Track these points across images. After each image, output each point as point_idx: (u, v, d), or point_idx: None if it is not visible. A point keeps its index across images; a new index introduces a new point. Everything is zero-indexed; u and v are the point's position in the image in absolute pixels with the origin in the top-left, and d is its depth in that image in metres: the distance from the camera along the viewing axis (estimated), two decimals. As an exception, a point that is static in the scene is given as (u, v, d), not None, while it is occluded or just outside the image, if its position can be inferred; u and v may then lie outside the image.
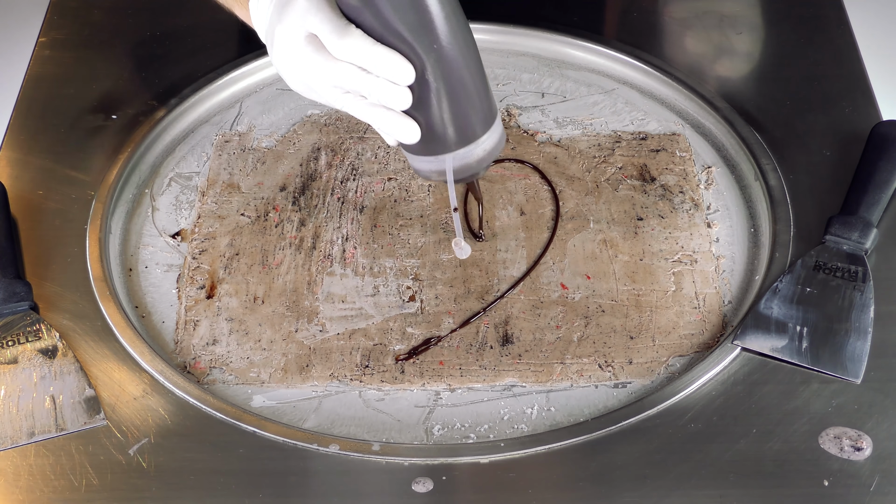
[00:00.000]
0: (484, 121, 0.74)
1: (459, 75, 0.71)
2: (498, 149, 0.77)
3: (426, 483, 0.74)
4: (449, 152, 0.75)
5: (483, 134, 0.75)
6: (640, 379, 0.82)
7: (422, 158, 0.76)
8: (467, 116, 0.73)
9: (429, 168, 0.76)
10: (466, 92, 0.72)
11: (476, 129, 0.74)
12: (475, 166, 0.76)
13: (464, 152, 0.75)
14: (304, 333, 0.86)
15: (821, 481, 0.73)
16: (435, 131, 0.73)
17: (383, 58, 0.68)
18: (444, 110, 0.72)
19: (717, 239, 0.91)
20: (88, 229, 0.91)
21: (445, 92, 0.71)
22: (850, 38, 1.07)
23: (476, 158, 0.76)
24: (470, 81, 0.72)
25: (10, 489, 0.75)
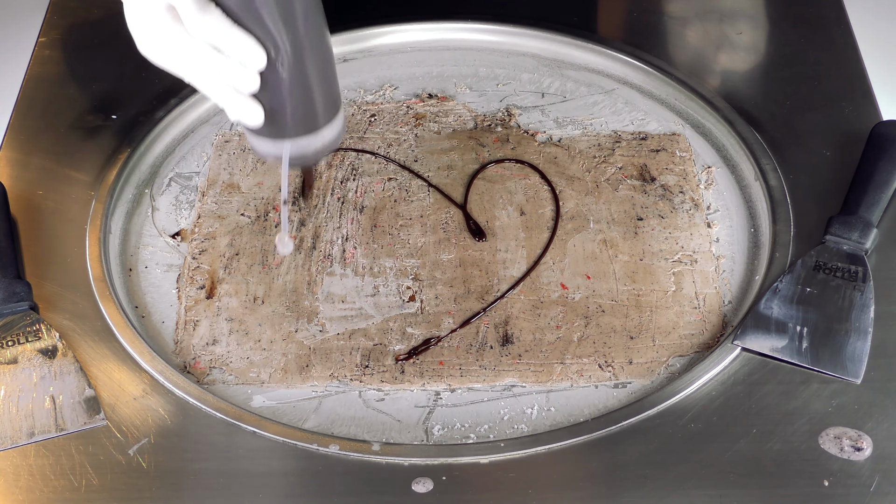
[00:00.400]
0: (327, 113, 0.75)
1: (309, 66, 0.71)
2: (337, 142, 0.77)
3: (426, 483, 0.74)
4: (288, 139, 0.75)
5: (325, 125, 0.75)
6: (640, 379, 0.82)
7: (261, 140, 0.76)
8: (312, 107, 0.74)
9: (266, 150, 0.76)
10: (314, 83, 0.73)
11: (318, 119, 0.75)
12: (312, 156, 0.77)
13: (304, 141, 0.75)
14: (304, 333, 0.86)
15: (821, 481, 0.73)
16: (278, 117, 0.73)
17: (238, 40, 0.68)
18: (291, 99, 0.72)
19: (717, 239, 0.91)
20: (88, 229, 0.91)
21: (294, 81, 0.71)
22: (850, 38, 1.07)
23: (313, 149, 0.76)
24: (319, 73, 0.72)
25: (10, 489, 0.75)
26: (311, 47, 0.71)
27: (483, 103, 1.04)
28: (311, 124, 0.75)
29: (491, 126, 1.02)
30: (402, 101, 1.05)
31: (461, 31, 1.10)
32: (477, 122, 1.02)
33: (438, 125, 1.02)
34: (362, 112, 1.04)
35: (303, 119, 0.74)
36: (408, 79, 1.07)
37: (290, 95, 0.72)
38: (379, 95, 1.05)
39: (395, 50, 1.10)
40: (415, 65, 1.09)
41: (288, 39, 0.69)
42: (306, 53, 0.71)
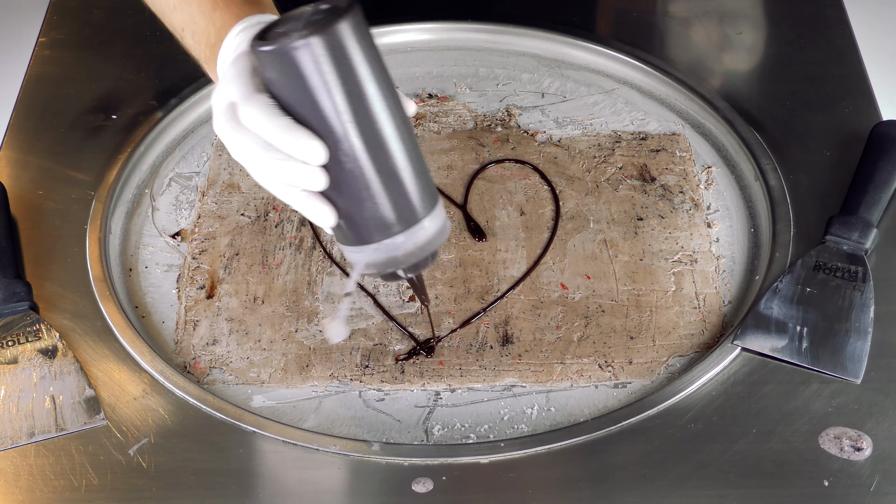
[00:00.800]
0: (413, 209, 0.66)
1: (380, 164, 0.63)
2: (434, 242, 0.68)
3: (426, 483, 0.74)
4: (369, 243, 0.66)
5: (413, 223, 0.66)
6: (640, 379, 0.82)
7: (347, 248, 0.68)
8: (387, 207, 0.65)
9: (352, 258, 0.68)
10: (389, 181, 0.64)
11: (406, 216, 0.66)
12: (403, 259, 0.67)
13: (389, 244, 0.66)
14: (304, 333, 0.86)
15: (821, 481, 0.73)
16: (351, 219, 0.65)
17: (288, 133, 0.61)
18: (359, 199, 0.64)
19: (717, 239, 0.91)
20: (88, 229, 0.91)
21: (361, 179, 0.63)
22: (850, 38, 1.07)
23: (403, 251, 0.67)
24: (393, 171, 0.64)
25: (10, 489, 0.75)
26: (383, 137, 0.63)
27: (483, 103, 1.04)
28: (398, 223, 0.66)
29: (491, 126, 1.02)
30: (402, 101, 1.05)
31: (461, 31, 1.10)
32: (477, 122, 1.02)
33: (438, 125, 1.02)
34: (362, 112, 1.04)
35: (382, 217, 0.65)
36: (408, 79, 1.07)
37: (359, 194, 0.64)
38: (379, 95, 1.05)
39: (395, 50, 1.10)
40: (415, 65, 1.09)
41: (355, 129, 0.61)
42: (370, 149, 0.62)
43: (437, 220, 0.68)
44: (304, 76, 0.60)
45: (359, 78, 0.61)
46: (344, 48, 0.60)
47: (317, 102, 0.61)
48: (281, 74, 0.61)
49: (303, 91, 0.61)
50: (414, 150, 0.65)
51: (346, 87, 0.61)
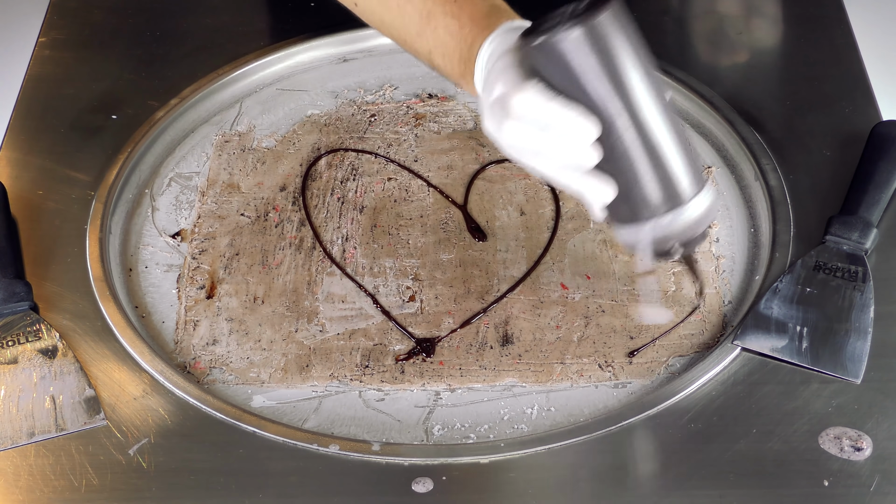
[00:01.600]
0: (683, 185, 0.69)
1: (651, 135, 0.67)
2: (699, 224, 0.71)
3: (426, 483, 0.74)
4: (645, 220, 0.70)
5: (687, 200, 0.69)
6: (640, 379, 0.82)
7: (619, 227, 0.72)
8: (661, 180, 0.68)
9: (626, 238, 0.71)
10: (663, 151, 0.68)
11: (678, 193, 0.69)
12: (677, 236, 0.70)
13: (665, 220, 0.69)
14: (304, 333, 0.86)
15: (821, 481, 0.73)
16: (623, 199, 0.69)
17: (557, 113, 0.65)
18: (630, 178, 0.68)
19: (717, 239, 0.91)
20: (88, 229, 0.91)
21: (635, 152, 0.67)
22: (850, 38, 1.07)
23: (678, 227, 0.70)
24: (665, 140, 0.67)
25: (10, 489, 0.75)
26: (650, 112, 0.67)
27: (483, 103, 1.04)
28: (669, 200, 0.69)
29: (491, 126, 1.02)
30: (402, 101, 1.05)
31: (461, 31, 1.10)
32: (477, 122, 1.02)
33: (438, 125, 1.02)
34: (362, 112, 1.04)
35: (651, 198, 0.68)
36: (408, 79, 1.07)
37: (634, 168, 0.67)
38: (379, 95, 1.05)
39: (395, 50, 1.09)
40: (415, 65, 1.09)
41: (620, 106, 0.66)
42: (642, 121, 0.66)
43: (707, 199, 0.70)
44: (574, 63, 0.65)
45: (625, 62, 0.66)
46: (608, 36, 0.65)
47: (587, 87, 0.65)
48: (552, 64, 0.65)
49: (574, 78, 0.65)
50: (678, 131, 0.69)
51: (614, 71, 0.65)
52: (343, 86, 1.07)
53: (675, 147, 0.68)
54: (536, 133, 0.67)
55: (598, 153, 0.67)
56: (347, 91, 1.06)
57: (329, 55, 1.09)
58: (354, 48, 1.10)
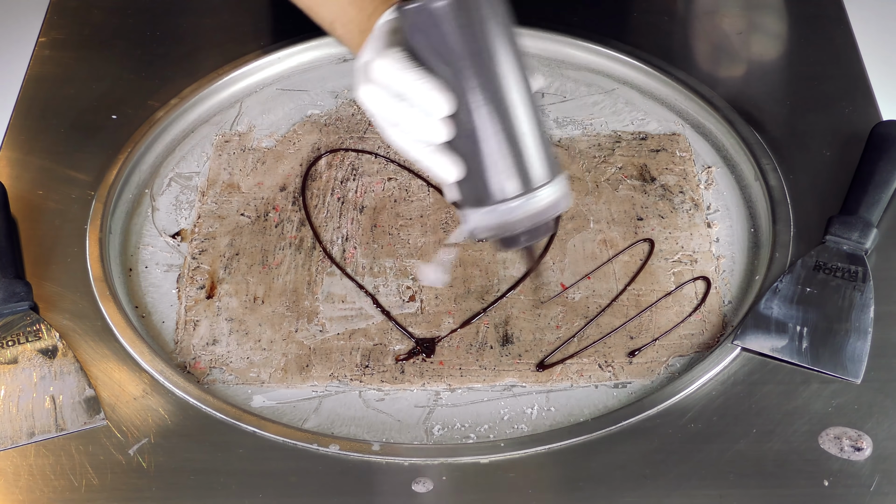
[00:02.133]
0: (522, 181, 0.68)
1: (503, 118, 0.66)
2: (544, 214, 0.69)
3: (426, 483, 0.74)
4: (484, 205, 0.69)
5: (517, 195, 0.68)
6: (640, 379, 0.82)
7: (464, 209, 0.71)
8: (506, 165, 0.67)
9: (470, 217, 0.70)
10: (509, 144, 0.67)
11: (510, 187, 0.68)
12: (523, 223, 0.69)
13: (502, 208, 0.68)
14: (304, 333, 0.86)
15: (821, 481, 0.73)
16: (471, 178, 0.68)
17: (413, 83, 0.66)
18: (479, 159, 0.67)
19: (717, 239, 0.91)
20: (88, 229, 0.91)
21: (481, 138, 0.66)
22: (850, 38, 1.07)
23: (520, 216, 0.69)
24: (513, 133, 0.67)
25: (10, 489, 0.75)
26: (505, 94, 0.66)
27: (483, 103, 1.04)
28: (516, 185, 0.68)
29: (491, 126, 1.02)
30: (402, 101, 1.05)
31: (461, 31, 1.10)
32: (477, 122, 1.02)
33: (438, 125, 1.02)
34: (362, 112, 1.04)
35: (498, 181, 0.68)
36: (408, 79, 1.07)
37: (480, 149, 0.67)
38: (379, 95, 1.05)
39: (395, 50, 1.10)
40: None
41: (475, 83, 0.65)
42: (498, 101, 0.66)
43: (555, 190, 0.69)
44: (434, 33, 0.65)
45: (486, 40, 0.66)
46: (472, 11, 0.65)
47: (444, 59, 0.65)
48: (416, 33, 0.66)
49: (434, 49, 0.66)
50: (536, 118, 0.68)
51: (473, 47, 0.65)
52: (343, 86, 1.07)
53: (528, 133, 0.67)
54: (391, 102, 0.67)
55: (449, 130, 0.67)
56: (347, 91, 1.06)
57: (329, 55, 1.09)
58: (354, 48, 1.10)
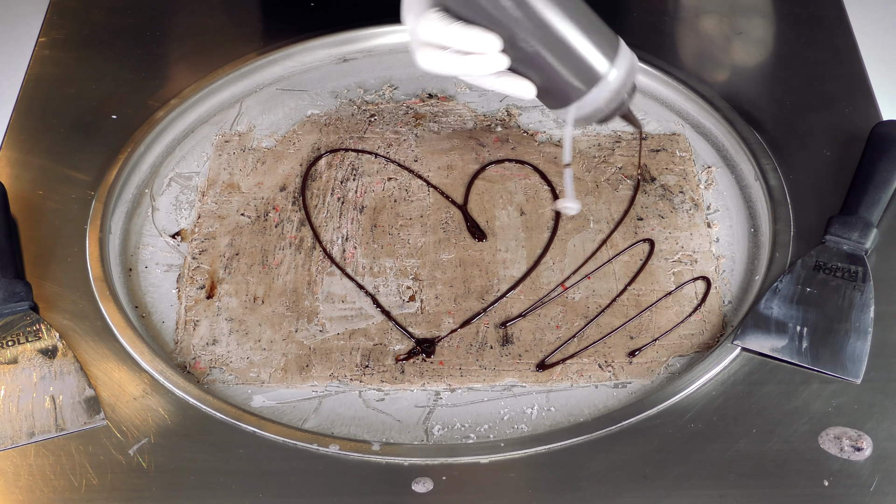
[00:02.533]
0: (592, 66, 0.76)
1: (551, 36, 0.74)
2: (627, 83, 0.78)
3: (426, 483, 0.74)
4: (569, 104, 0.77)
5: (603, 75, 0.76)
6: (640, 379, 0.82)
7: (558, 111, 0.79)
8: (573, 66, 0.75)
9: (563, 115, 0.78)
10: (564, 47, 0.75)
11: (590, 73, 0.76)
12: (605, 107, 0.78)
13: (589, 98, 0.77)
14: (304, 333, 0.86)
15: (821, 481, 0.73)
16: (548, 86, 0.77)
17: (458, 35, 0.74)
18: (545, 68, 0.75)
19: (717, 239, 0.91)
20: (88, 229, 0.91)
21: (539, 52, 0.74)
22: (850, 38, 1.07)
23: (602, 101, 0.77)
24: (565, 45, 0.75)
25: (10, 489, 0.75)
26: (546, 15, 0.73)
27: (483, 103, 1.04)
28: (584, 81, 0.76)
29: (491, 126, 1.02)
30: (402, 101, 1.05)
31: (461, 31, 1.10)
32: (477, 122, 1.02)
33: (438, 125, 1.02)
34: (362, 112, 1.04)
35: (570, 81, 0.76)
36: (408, 79, 1.07)
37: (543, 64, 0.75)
38: (379, 95, 1.05)
39: (395, 50, 1.10)
40: (415, 65, 1.09)
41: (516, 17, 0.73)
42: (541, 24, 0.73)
43: (623, 64, 0.78)
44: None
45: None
46: None
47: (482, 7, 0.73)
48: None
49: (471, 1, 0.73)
50: (580, 14, 0.76)
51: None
52: (343, 86, 1.07)
53: (579, 35, 0.75)
54: (446, 55, 0.76)
55: (507, 59, 0.75)
56: (347, 91, 1.06)
57: (329, 55, 1.09)
58: (354, 48, 1.10)
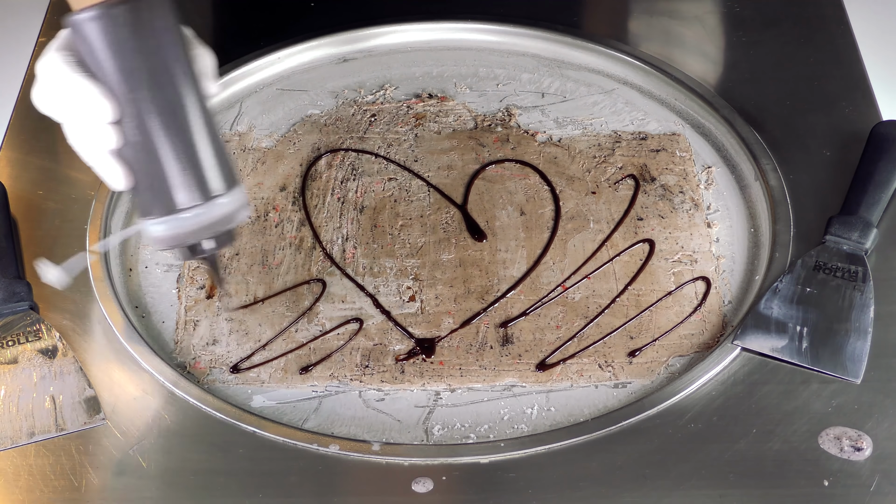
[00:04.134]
0: (192, 190, 0.68)
1: (160, 140, 0.67)
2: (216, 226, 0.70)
3: (426, 483, 0.74)
4: (150, 216, 0.70)
5: (189, 204, 0.68)
6: (640, 379, 0.82)
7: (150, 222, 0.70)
8: (168, 181, 0.68)
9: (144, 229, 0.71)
10: (175, 151, 0.68)
11: (176, 198, 0.68)
12: (186, 237, 0.70)
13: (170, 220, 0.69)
14: (304, 333, 0.86)
15: (821, 481, 0.73)
16: (140, 190, 0.69)
17: (72, 86, 0.67)
18: (144, 170, 0.68)
19: (717, 239, 0.91)
20: (88, 229, 0.91)
21: (143, 151, 0.68)
22: (850, 38, 1.07)
23: (183, 231, 0.69)
24: (175, 147, 0.67)
25: (10, 489, 0.75)
26: (165, 112, 0.67)
27: (483, 103, 1.04)
28: (181, 197, 0.68)
29: (491, 126, 1.02)
30: (402, 101, 1.05)
31: (461, 31, 1.10)
32: (477, 122, 1.02)
33: (438, 125, 1.02)
34: (362, 112, 1.04)
35: (166, 192, 0.68)
36: (408, 79, 1.07)
37: (144, 163, 0.68)
38: (379, 95, 1.05)
39: (395, 50, 1.10)
40: (415, 65, 1.09)
41: (131, 97, 0.66)
42: (156, 117, 0.67)
43: (231, 200, 0.70)
44: (92, 44, 0.66)
45: (142, 56, 0.67)
46: (128, 26, 0.66)
47: (103, 69, 0.66)
48: (80, 41, 0.67)
49: (92, 57, 0.67)
50: (207, 129, 0.69)
51: (129, 62, 0.66)
52: (343, 86, 1.07)
53: (198, 144, 0.68)
54: (58, 102, 0.68)
55: (117, 137, 0.67)
56: (347, 91, 1.06)
57: (329, 55, 1.09)
58: (354, 48, 1.10)
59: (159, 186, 0.68)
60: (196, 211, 0.69)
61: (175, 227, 0.69)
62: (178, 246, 0.71)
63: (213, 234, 0.71)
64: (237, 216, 0.71)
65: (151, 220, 0.70)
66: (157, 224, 0.69)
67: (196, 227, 0.69)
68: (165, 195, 0.68)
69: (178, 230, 0.69)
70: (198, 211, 0.69)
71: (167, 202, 0.68)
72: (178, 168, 0.68)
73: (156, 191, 0.69)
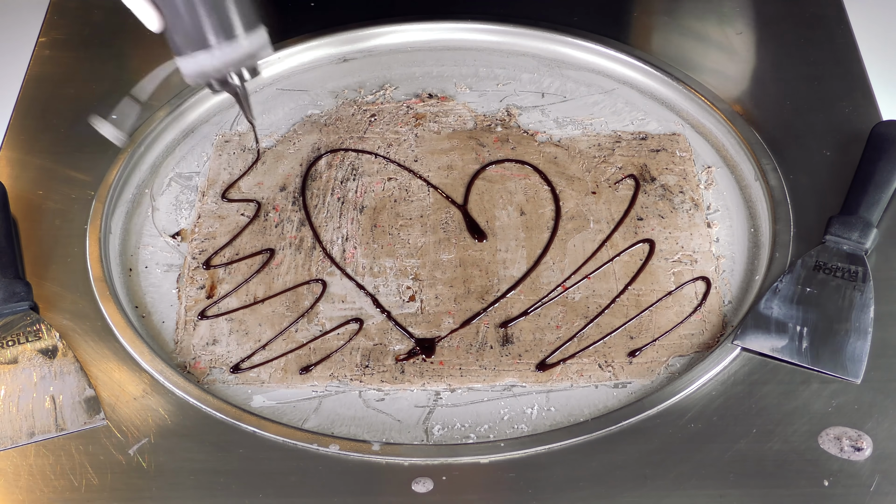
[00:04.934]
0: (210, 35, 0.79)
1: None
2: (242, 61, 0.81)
3: (426, 483, 0.74)
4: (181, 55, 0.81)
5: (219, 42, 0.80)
6: (640, 379, 0.82)
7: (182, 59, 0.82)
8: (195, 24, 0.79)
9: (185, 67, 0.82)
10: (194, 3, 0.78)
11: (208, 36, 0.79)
12: (211, 73, 0.82)
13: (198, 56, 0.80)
14: (304, 333, 0.86)
15: (821, 481, 0.73)
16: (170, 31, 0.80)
17: None
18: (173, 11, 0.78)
19: (717, 239, 0.91)
20: (88, 229, 0.91)
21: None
22: (850, 38, 1.07)
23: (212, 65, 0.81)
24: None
25: (10, 489, 0.75)
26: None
27: (483, 103, 1.04)
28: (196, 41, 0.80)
29: (491, 126, 1.02)
30: (402, 101, 1.05)
31: (461, 31, 1.10)
32: (477, 122, 1.02)
33: (438, 125, 1.02)
34: (362, 112, 1.04)
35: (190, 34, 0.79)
36: (408, 79, 1.07)
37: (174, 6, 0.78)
38: (379, 95, 1.05)
39: (395, 50, 1.10)
40: (415, 65, 1.09)
41: None
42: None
43: (248, 42, 0.81)
44: None
45: None
46: None
47: None
48: None
49: None
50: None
51: None
52: (343, 86, 1.07)
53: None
54: None
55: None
56: (347, 91, 1.06)
57: (329, 55, 1.09)
58: (354, 48, 1.10)
59: (187, 27, 0.79)
60: (221, 49, 0.80)
61: (203, 63, 0.81)
62: (209, 79, 0.83)
63: (239, 69, 0.83)
64: (260, 53, 0.83)
65: (183, 58, 0.81)
66: (188, 60, 0.81)
67: (221, 63, 0.81)
68: (193, 35, 0.79)
69: (207, 66, 0.81)
70: (223, 49, 0.80)
71: (195, 41, 0.80)
72: (205, 10, 0.78)
73: (185, 31, 0.79)
